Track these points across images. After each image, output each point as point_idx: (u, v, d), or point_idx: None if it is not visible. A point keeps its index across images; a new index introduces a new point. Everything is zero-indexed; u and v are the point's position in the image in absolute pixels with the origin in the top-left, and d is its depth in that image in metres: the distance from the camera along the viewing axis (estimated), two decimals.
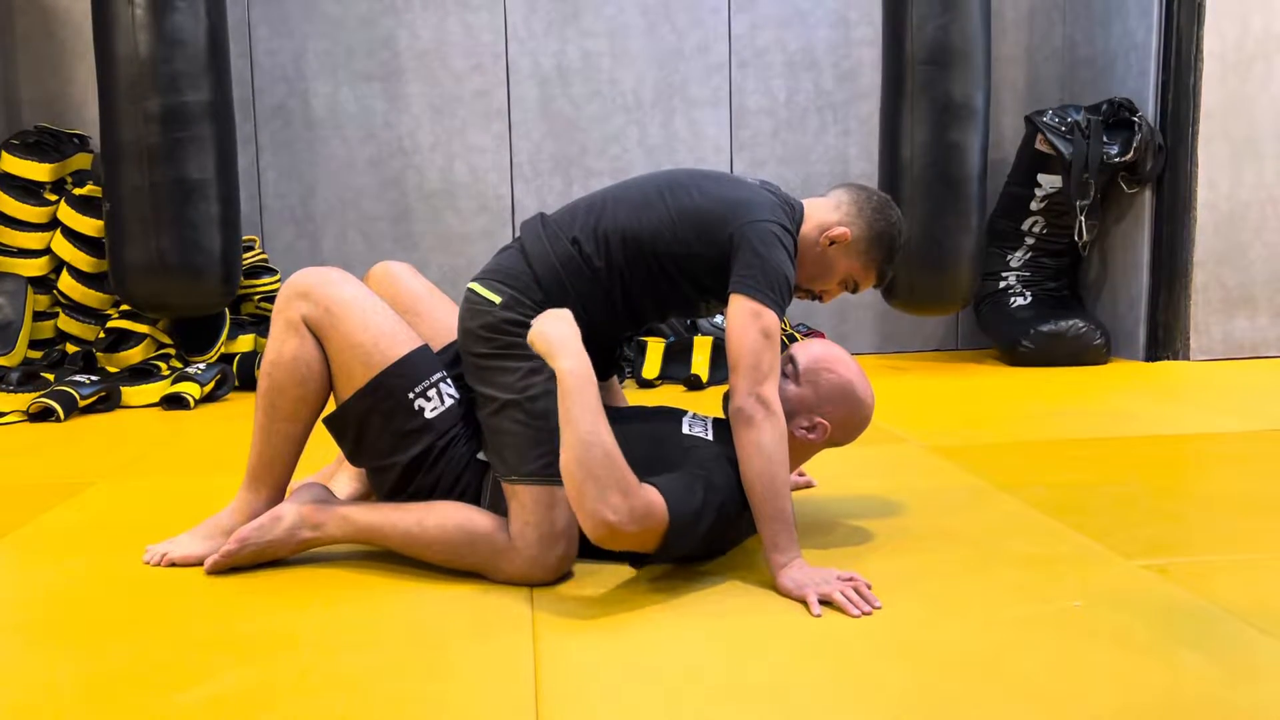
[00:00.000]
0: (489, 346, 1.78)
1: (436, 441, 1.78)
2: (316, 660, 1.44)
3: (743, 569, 1.75)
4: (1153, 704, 1.26)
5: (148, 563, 1.83)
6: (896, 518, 2.07)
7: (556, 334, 1.62)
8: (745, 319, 1.70)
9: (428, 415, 1.77)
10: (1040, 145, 4.24)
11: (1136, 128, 4.07)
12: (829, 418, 1.80)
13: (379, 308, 1.82)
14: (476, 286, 1.83)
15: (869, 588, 1.61)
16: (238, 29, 4.30)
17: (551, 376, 1.75)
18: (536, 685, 1.35)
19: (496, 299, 1.79)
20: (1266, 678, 1.34)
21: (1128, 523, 2.01)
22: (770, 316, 1.70)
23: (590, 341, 1.86)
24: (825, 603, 1.58)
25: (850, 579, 1.62)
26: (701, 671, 1.38)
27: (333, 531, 1.78)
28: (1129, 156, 4.08)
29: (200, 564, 1.81)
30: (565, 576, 1.72)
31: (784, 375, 1.80)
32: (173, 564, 1.82)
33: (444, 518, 1.73)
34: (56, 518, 2.19)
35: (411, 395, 1.77)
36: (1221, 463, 2.57)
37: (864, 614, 1.55)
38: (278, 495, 1.85)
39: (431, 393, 1.79)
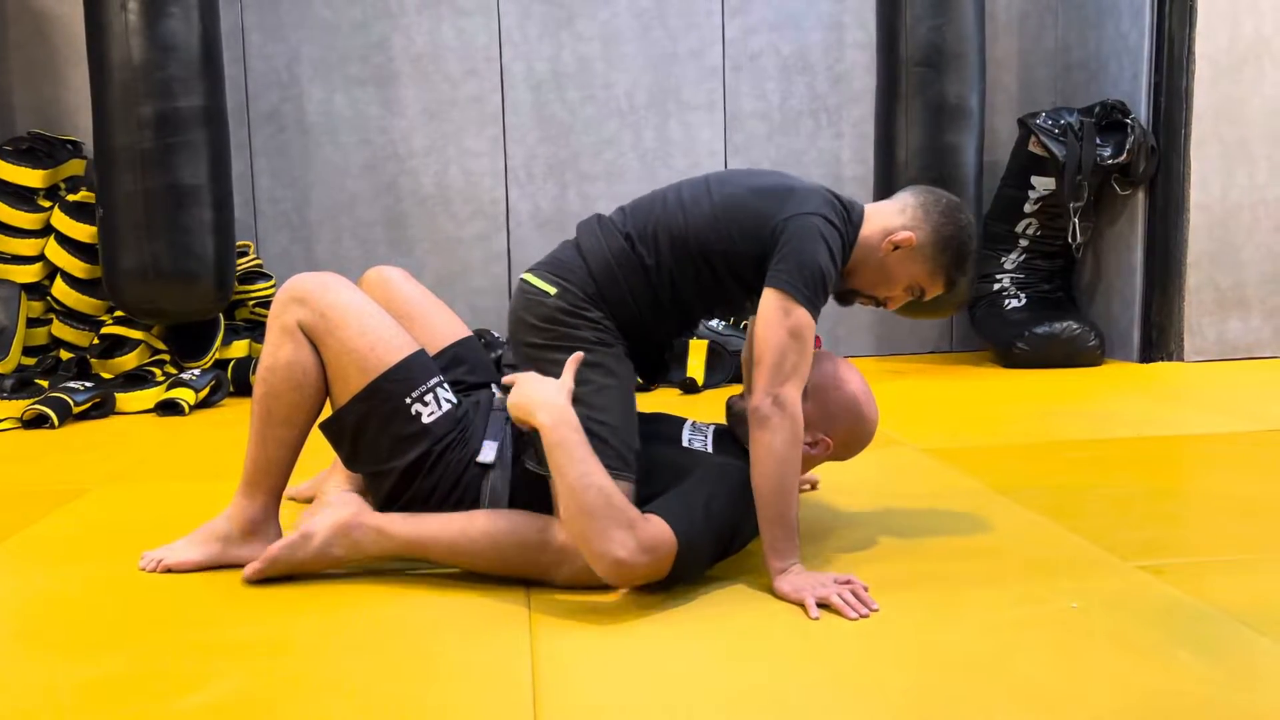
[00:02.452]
0: (543, 337, 1.77)
1: (434, 446, 1.77)
2: (313, 665, 1.44)
3: (741, 572, 1.75)
4: (1150, 705, 1.27)
5: (144, 569, 1.82)
6: (893, 521, 2.07)
7: (528, 396, 1.63)
8: (774, 315, 1.67)
9: (425, 420, 1.77)
10: (1033, 148, 4.25)
11: (1129, 130, 4.09)
12: (833, 435, 1.80)
13: (375, 313, 1.81)
14: (530, 277, 1.83)
15: (866, 590, 1.61)
16: (231, 34, 4.29)
17: (608, 372, 1.74)
18: (534, 688, 1.35)
19: (551, 290, 1.79)
20: (1263, 678, 1.34)
21: (1124, 524, 2.01)
22: (801, 314, 1.67)
23: (640, 341, 1.85)
24: (823, 605, 1.58)
25: (847, 582, 1.62)
26: (700, 675, 1.38)
27: (368, 548, 1.74)
28: (1122, 158, 4.09)
29: (195, 570, 1.80)
30: None
31: None
32: (169, 570, 1.81)
33: (491, 526, 1.70)
34: (51, 524, 2.19)
35: (409, 400, 1.77)
36: (1217, 464, 2.58)
37: (861, 616, 1.55)
38: (273, 501, 1.84)
39: (429, 397, 1.78)
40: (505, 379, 1.72)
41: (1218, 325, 4.16)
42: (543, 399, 1.62)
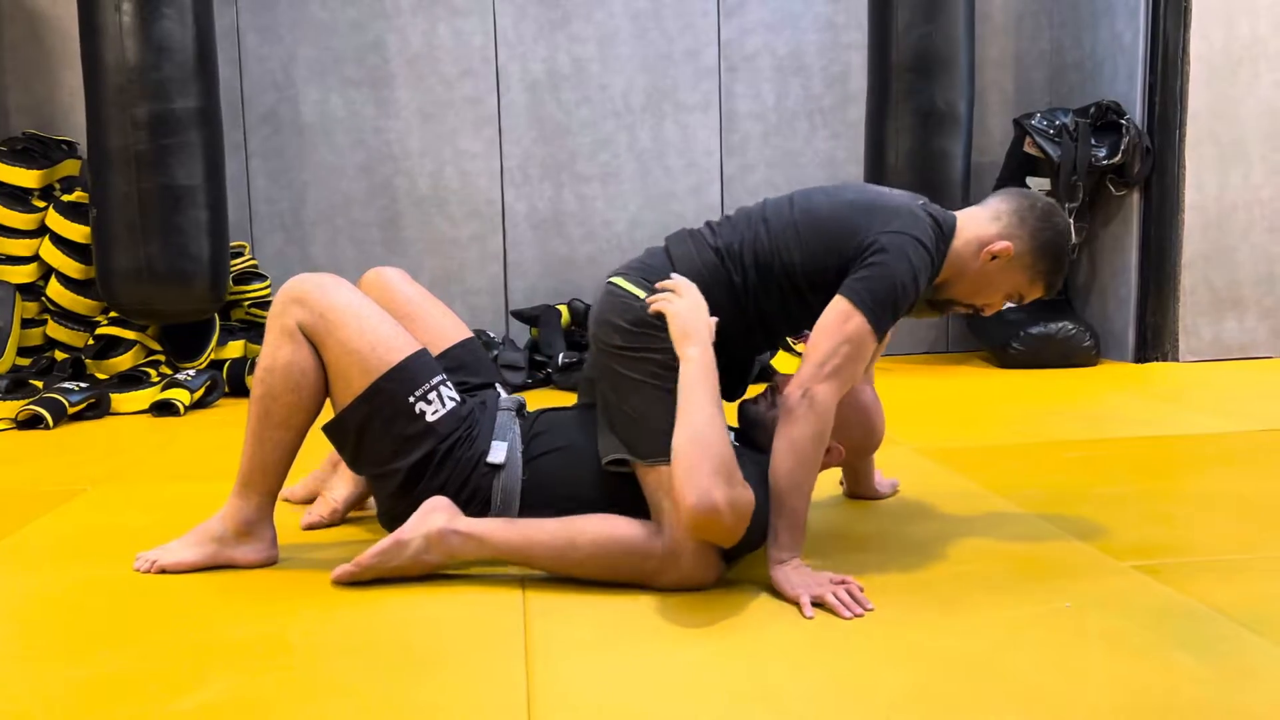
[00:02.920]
0: (629, 339, 1.75)
1: (439, 445, 1.77)
2: (308, 665, 1.44)
3: (736, 572, 1.75)
4: (1144, 704, 1.27)
5: (139, 570, 1.81)
6: (888, 520, 2.08)
7: (692, 322, 1.66)
8: (833, 320, 1.67)
9: (429, 419, 1.77)
10: (1029, 148, 4.25)
11: (1124, 130, 4.09)
12: (845, 442, 1.80)
13: (375, 313, 1.81)
14: (619, 281, 1.81)
15: (861, 590, 1.61)
16: (227, 35, 4.29)
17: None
18: (529, 689, 1.35)
19: (642, 294, 1.78)
20: (1257, 678, 1.34)
21: (1118, 524, 2.02)
22: (860, 324, 1.66)
23: (722, 355, 1.80)
24: (818, 605, 1.58)
25: (842, 581, 1.62)
26: (694, 674, 1.38)
27: (464, 555, 1.71)
28: (1117, 159, 4.10)
29: (190, 570, 1.80)
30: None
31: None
32: (163, 571, 1.80)
33: (596, 532, 1.68)
34: (46, 525, 2.18)
35: (411, 399, 1.76)
36: (1211, 463, 2.58)
37: (855, 616, 1.55)
38: (269, 502, 1.83)
39: (432, 396, 1.78)
40: (662, 284, 1.74)
41: (1213, 325, 4.16)
42: (697, 333, 1.65)
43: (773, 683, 1.35)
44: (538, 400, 2.07)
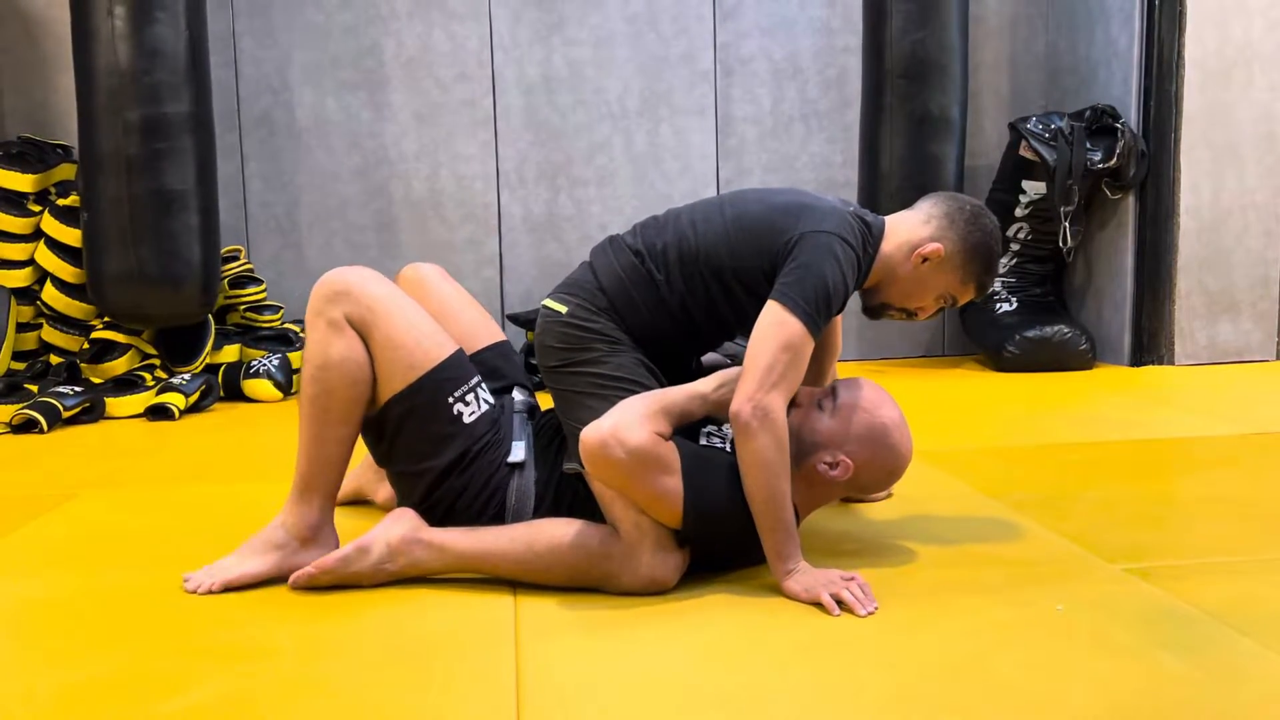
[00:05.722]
0: (559, 357, 1.79)
1: (471, 446, 1.77)
2: (295, 669, 1.43)
3: (724, 579, 1.75)
4: (1134, 706, 1.27)
5: (194, 591, 1.71)
6: (880, 522, 2.08)
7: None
8: (770, 327, 1.66)
9: (465, 420, 1.77)
10: (1024, 152, 4.25)
11: (1119, 134, 4.10)
12: (854, 458, 1.72)
13: (416, 308, 1.81)
14: (547, 302, 1.85)
15: (867, 586, 1.62)
16: (222, 39, 4.29)
17: (622, 379, 1.76)
18: (518, 694, 1.34)
19: (563, 309, 1.80)
20: (1246, 680, 1.34)
21: (1111, 527, 2.02)
22: (796, 327, 1.64)
23: (664, 354, 1.84)
24: (836, 602, 1.59)
25: (851, 578, 1.63)
26: (684, 681, 1.38)
27: (427, 564, 1.71)
28: (1112, 163, 4.10)
29: (255, 583, 1.73)
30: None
31: (819, 407, 1.75)
32: (228, 587, 1.71)
33: (554, 538, 1.68)
34: (39, 529, 2.18)
35: (451, 399, 1.77)
36: (1204, 467, 2.58)
37: (870, 613, 1.56)
38: (330, 504, 1.79)
39: (470, 397, 1.78)
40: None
41: (1207, 329, 4.17)
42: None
43: (762, 686, 1.35)
44: None
